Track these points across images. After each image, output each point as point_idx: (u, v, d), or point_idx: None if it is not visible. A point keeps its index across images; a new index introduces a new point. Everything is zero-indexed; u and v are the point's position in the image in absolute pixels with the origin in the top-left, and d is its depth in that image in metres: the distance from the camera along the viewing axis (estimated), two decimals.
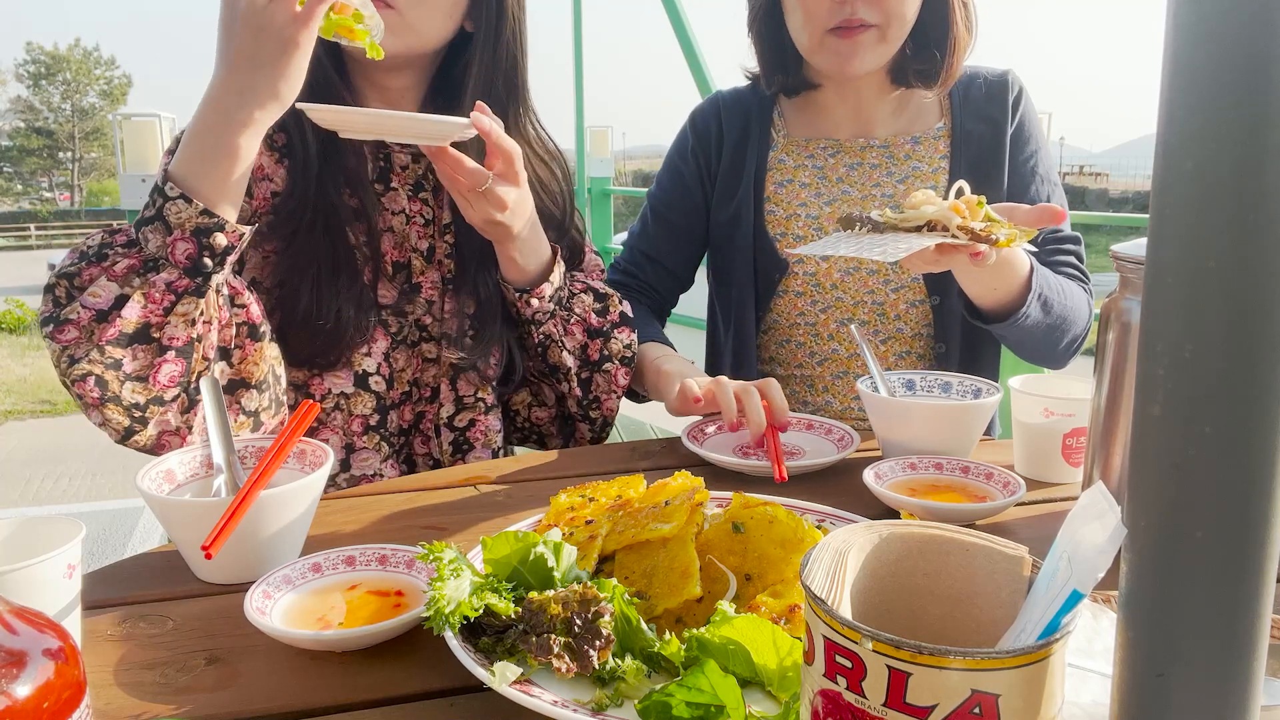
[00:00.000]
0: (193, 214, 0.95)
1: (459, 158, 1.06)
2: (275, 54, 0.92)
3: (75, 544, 0.68)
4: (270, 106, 0.95)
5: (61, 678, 0.45)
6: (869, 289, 1.42)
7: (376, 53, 1.02)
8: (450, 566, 0.68)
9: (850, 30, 1.30)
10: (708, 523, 0.80)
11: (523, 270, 1.20)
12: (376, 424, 1.22)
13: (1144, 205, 4.72)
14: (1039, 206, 1.05)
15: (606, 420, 1.30)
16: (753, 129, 1.49)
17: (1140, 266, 0.82)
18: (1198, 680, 0.33)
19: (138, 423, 0.97)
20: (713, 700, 0.57)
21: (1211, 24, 0.29)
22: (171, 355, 0.97)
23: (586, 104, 4.45)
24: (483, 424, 1.27)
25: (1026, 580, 0.47)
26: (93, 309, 0.95)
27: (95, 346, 0.94)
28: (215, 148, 0.95)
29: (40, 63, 55.91)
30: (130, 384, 0.95)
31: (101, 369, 0.94)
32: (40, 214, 46.38)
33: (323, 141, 1.16)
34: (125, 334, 0.95)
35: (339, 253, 1.14)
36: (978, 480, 1.01)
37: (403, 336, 1.23)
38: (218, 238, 0.96)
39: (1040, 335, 1.27)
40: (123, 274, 0.96)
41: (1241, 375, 0.30)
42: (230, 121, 0.95)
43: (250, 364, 1.04)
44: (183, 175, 0.96)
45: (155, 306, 0.96)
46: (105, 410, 0.95)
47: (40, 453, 6.39)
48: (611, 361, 1.26)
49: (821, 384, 1.46)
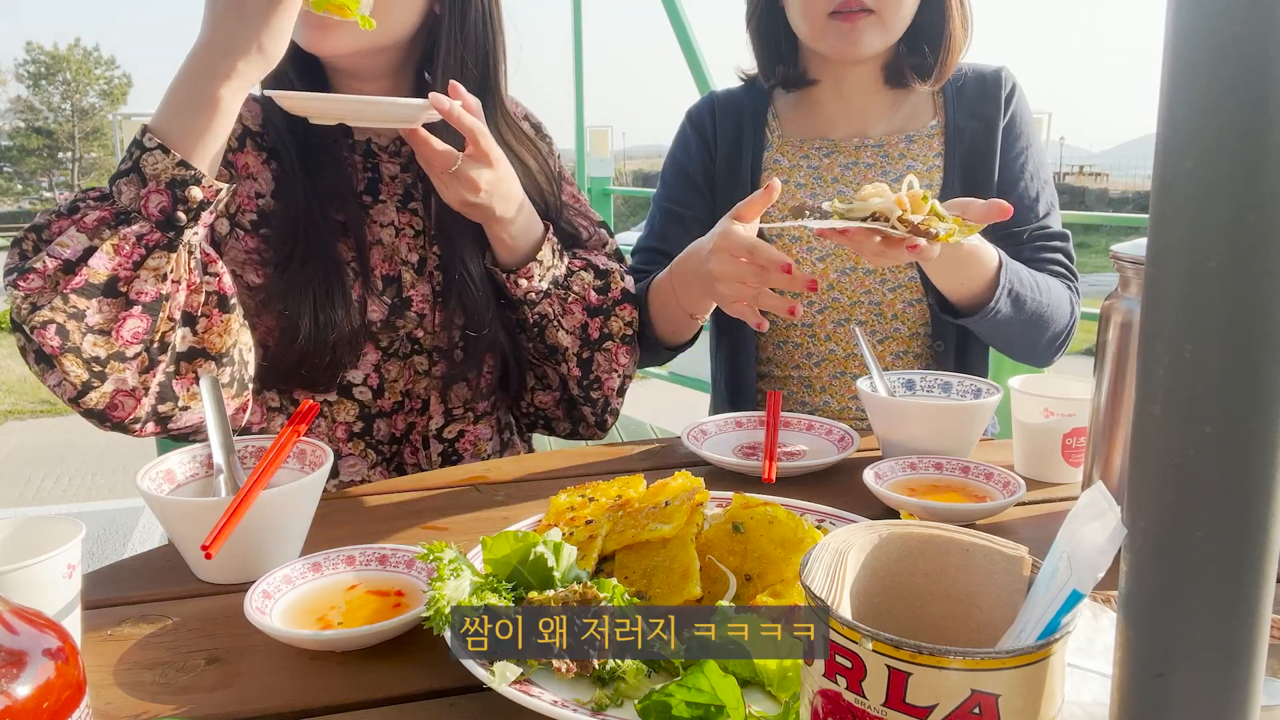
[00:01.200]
0: (169, 165, 0.93)
1: (427, 138, 1.06)
2: (261, 6, 0.92)
3: (75, 544, 0.68)
4: (255, 59, 0.94)
5: (61, 678, 0.45)
6: (865, 289, 1.42)
7: (367, 23, 1.01)
8: (450, 566, 0.68)
9: (850, 15, 1.32)
10: (708, 523, 0.80)
11: (513, 251, 1.18)
12: (360, 431, 1.21)
13: (1144, 205, 4.72)
14: (989, 201, 1.05)
15: (608, 401, 1.28)
16: (747, 128, 1.49)
17: (1140, 266, 0.83)
18: (1198, 680, 0.33)
19: (96, 378, 0.93)
20: (713, 700, 0.57)
21: (1211, 24, 0.29)
22: (137, 310, 0.94)
23: (586, 104, 4.45)
24: (472, 434, 1.27)
25: (1026, 580, 0.47)
26: (59, 259, 0.92)
27: (59, 295, 0.91)
28: (197, 99, 0.94)
29: (40, 63, 55.88)
30: (92, 336, 0.92)
31: (64, 318, 0.91)
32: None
33: (309, 158, 1.15)
34: (92, 284, 0.92)
35: (331, 279, 1.13)
36: (978, 480, 1.01)
37: (394, 349, 1.21)
38: (193, 190, 0.94)
39: (1017, 331, 1.27)
40: (93, 226, 0.93)
41: (1241, 375, 0.30)
42: (213, 73, 0.93)
43: (214, 334, 1.01)
44: (162, 126, 0.95)
45: (124, 260, 0.93)
46: (64, 360, 0.91)
47: (40, 453, 6.39)
48: (612, 340, 1.24)
49: (819, 384, 1.46)
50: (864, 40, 1.33)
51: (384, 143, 1.23)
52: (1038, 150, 1.46)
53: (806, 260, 1.43)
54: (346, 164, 1.20)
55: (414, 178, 1.23)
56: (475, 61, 1.18)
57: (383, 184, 1.22)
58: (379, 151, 1.23)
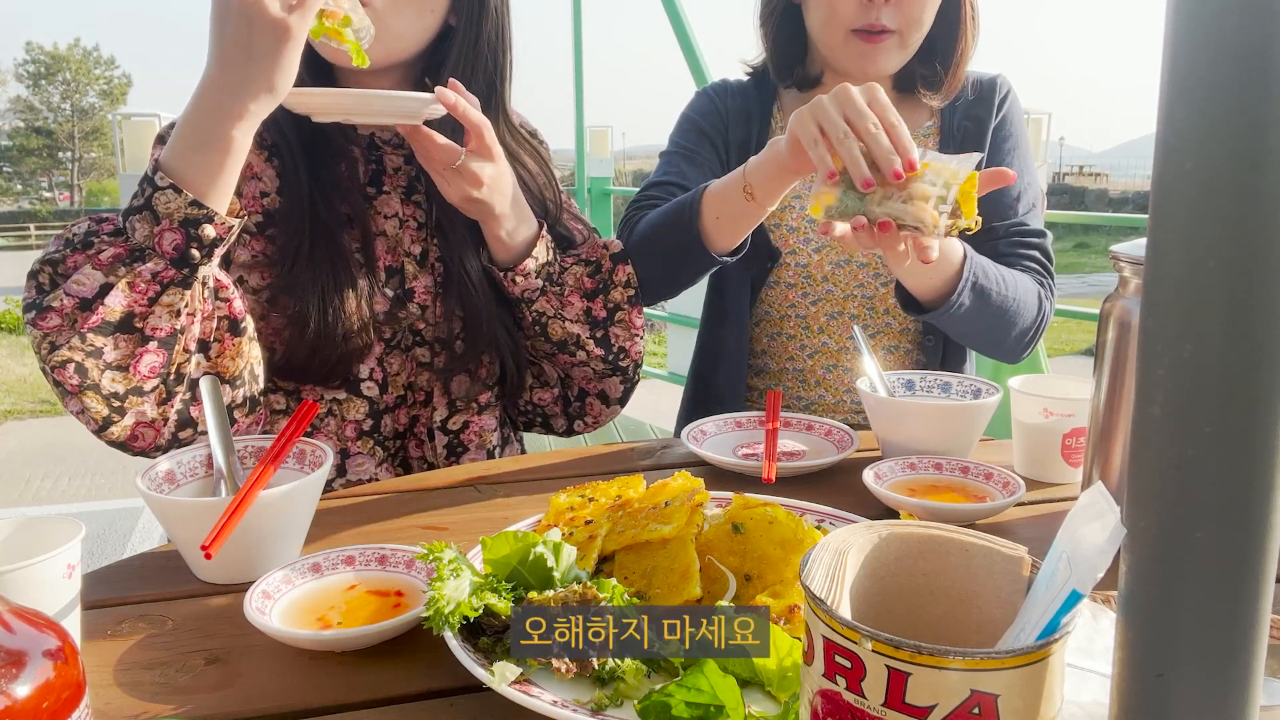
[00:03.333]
0: (182, 204, 0.94)
1: (430, 134, 1.07)
2: (269, 46, 0.92)
3: (75, 544, 0.68)
4: (264, 98, 0.95)
5: (61, 678, 0.45)
6: (859, 282, 1.44)
7: (362, 60, 1.02)
8: (450, 566, 0.68)
9: (872, 35, 1.32)
10: (707, 523, 0.80)
11: (509, 248, 1.19)
12: (370, 429, 1.21)
13: (1144, 205, 4.70)
14: (993, 170, 1.05)
15: (637, 362, 1.28)
16: (755, 120, 1.49)
17: (1140, 266, 0.83)
18: (1198, 680, 0.33)
19: (115, 413, 0.96)
20: (712, 700, 0.57)
21: (1211, 24, 0.29)
22: (153, 346, 0.96)
23: (586, 104, 4.45)
24: (476, 425, 1.27)
25: (1026, 580, 0.47)
26: (76, 296, 0.94)
27: (77, 334, 0.93)
28: (208, 138, 0.95)
29: (40, 63, 55.89)
30: (110, 373, 0.94)
31: (82, 356, 0.93)
32: (40, 214, 46.36)
33: (311, 152, 1.15)
34: (108, 322, 0.94)
35: (339, 271, 1.14)
36: (977, 480, 1.01)
37: (396, 342, 1.22)
38: (206, 229, 0.95)
39: (981, 325, 1.27)
40: (108, 263, 0.95)
41: (1241, 375, 0.30)
42: (224, 112, 0.94)
43: (228, 358, 1.03)
44: (174, 165, 0.96)
45: (140, 296, 0.95)
46: (84, 398, 0.94)
47: (40, 453, 6.39)
48: (621, 309, 1.24)
49: (814, 378, 1.48)
50: (883, 60, 1.34)
51: (387, 136, 1.23)
52: (1025, 151, 1.46)
53: (803, 251, 1.43)
54: (349, 156, 1.20)
55: (417, 170, 1.24)
56: (484, 72, 1.19)
57: (386, 176, 1.23)
58: (382, 145, 1.23)
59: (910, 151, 0.98)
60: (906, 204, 0.98)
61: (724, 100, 1.52)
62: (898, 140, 0.99)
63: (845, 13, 1.31)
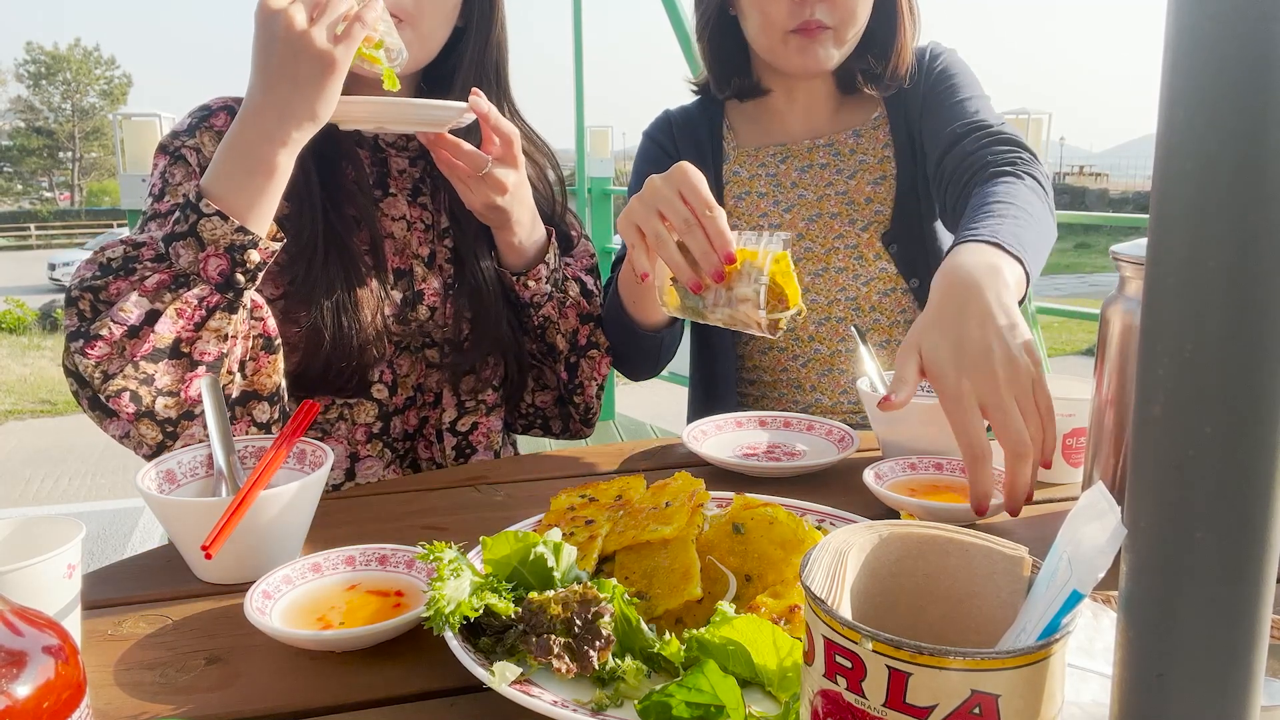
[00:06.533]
0: (228, 231, 0.95)
1: (457, 142, 1.07)
2: (314, 75, 0.93)
3: (75, 544, 0.68)
4: (307, 126, 0.96)
5: (61, 678, 0.45)
6: (840, 286, 1.45)
7: (393, 83, 1.02)
8: (450, 566, 0.68)
9: (809, 31, 1.33)
10: (708, 523, 0.80)
11: (521, 255, 1.20)
12: (379, 431, 1.22)
13: (1144, 205, 4.70)
14: None
15: (589, 405, 1.31)
16: (706, 145, 1.51)
17: (1140, 266, 0.82)
18: (1198, 680, 0.33)
19: (169, 438, 0.97)
20: (713, 700, 0.57)
21: (1211, 24, 0.29)
22: (202, 370, 0.97)
23: (587, 104, 4.44)
24: (485, 426, 1.27)
25: (1026, 580, 0.47)
26: (124, 324, 0.94)
27: (129, 362, 0.94)
28: (253, 164, 0.96)
29: (40, 63, 55.90)
30: (163, 399, 0.95)
31: (135, 384, 0.94)
32: (40, 214, 46.36)
33: (320, 156, 1.15)
34: (159, 349, 0.95)
35: (351, 277, 1.14)
36: None
37: (405, 343, 1.22)
38: (251, 254, 0.97)
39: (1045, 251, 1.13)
40: (153, 289, 0.96)
41: (1241, 375, 0.30)
42: (269, 139, 0.95)
43: (264, 376, 1.04)
44: (219, 192, 0.97)
45: (187, 322, 0.96)
46: (139, 426, 0.96)
47: (40, 453, 6.39)
48: (597, 349, 1.27)
49: (808, 384, 1.48)
50: (822, 54, 1.35)
51: (391, 138, 1.24)
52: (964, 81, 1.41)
53: None
54: (356, 159, 1.20)
55: (422, 172, 1.25)
56: (494, 73, 1.21)
57: (391, 178, 1.23)
58: (387, 147, 1.24)
59: (727, 243, 0.98)
60: (733, 308, 1.01)
61: (669, 136, 1.53)
62: (713, 232, 0.99)
63: (779, 16, 1.33)
